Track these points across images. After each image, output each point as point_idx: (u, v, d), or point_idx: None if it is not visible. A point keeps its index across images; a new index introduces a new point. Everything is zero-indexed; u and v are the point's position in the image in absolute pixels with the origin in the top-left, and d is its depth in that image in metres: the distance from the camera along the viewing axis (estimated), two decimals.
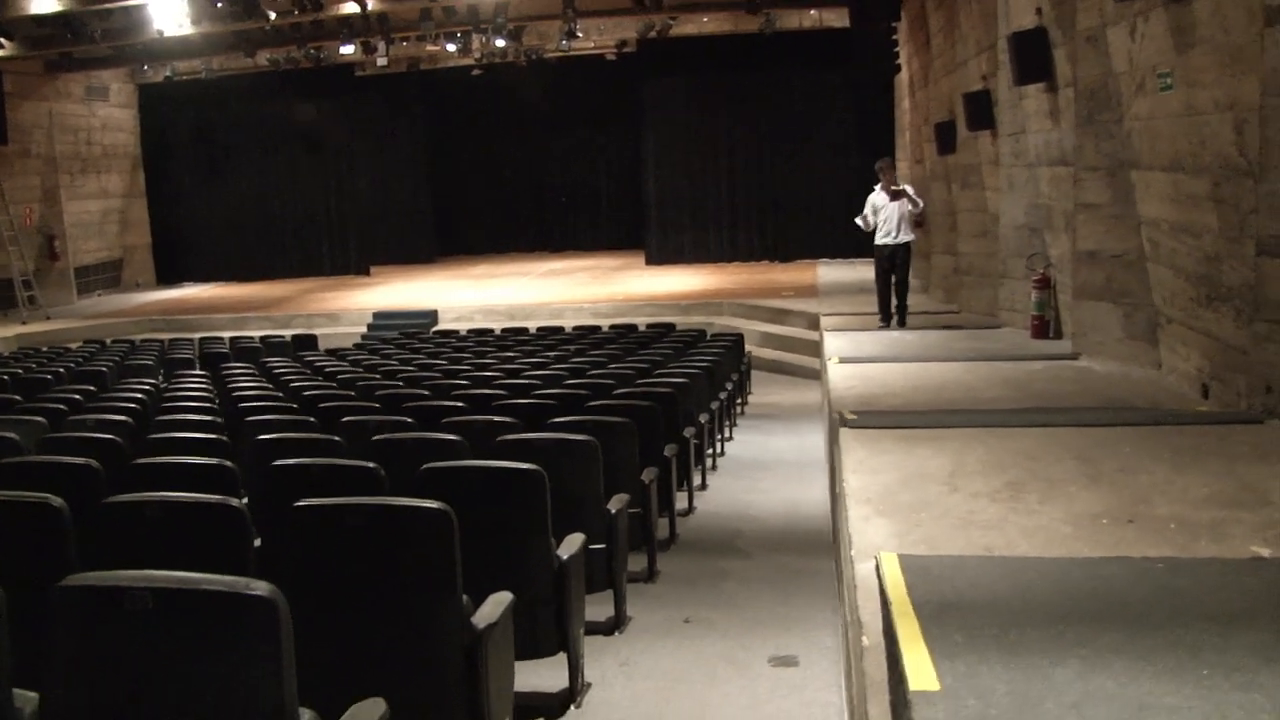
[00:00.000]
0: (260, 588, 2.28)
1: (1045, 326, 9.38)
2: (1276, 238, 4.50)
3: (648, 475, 5.40)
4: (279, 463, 4.01)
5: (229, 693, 2.29)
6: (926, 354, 8.32)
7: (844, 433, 4.50)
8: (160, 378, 11.35)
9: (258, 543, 3.91)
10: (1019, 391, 6.38)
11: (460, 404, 6.52)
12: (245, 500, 3.97)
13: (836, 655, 4.09)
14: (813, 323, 15.70)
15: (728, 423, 10.20)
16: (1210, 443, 4.28)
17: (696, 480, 7.71)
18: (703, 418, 7.88)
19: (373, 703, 2.60)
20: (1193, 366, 6.15)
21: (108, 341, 15.07)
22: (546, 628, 3.60)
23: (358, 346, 13.89)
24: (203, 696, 2.31)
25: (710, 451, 8.63)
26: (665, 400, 6.69)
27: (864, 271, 20.66)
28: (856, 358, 7.98)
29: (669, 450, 6.17)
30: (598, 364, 9.76)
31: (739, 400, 11.85)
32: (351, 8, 17.64)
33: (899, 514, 3.54)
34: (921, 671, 2.31)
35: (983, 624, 2.55)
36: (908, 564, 2.98)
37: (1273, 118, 4.46)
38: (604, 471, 4.59)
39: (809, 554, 5.87)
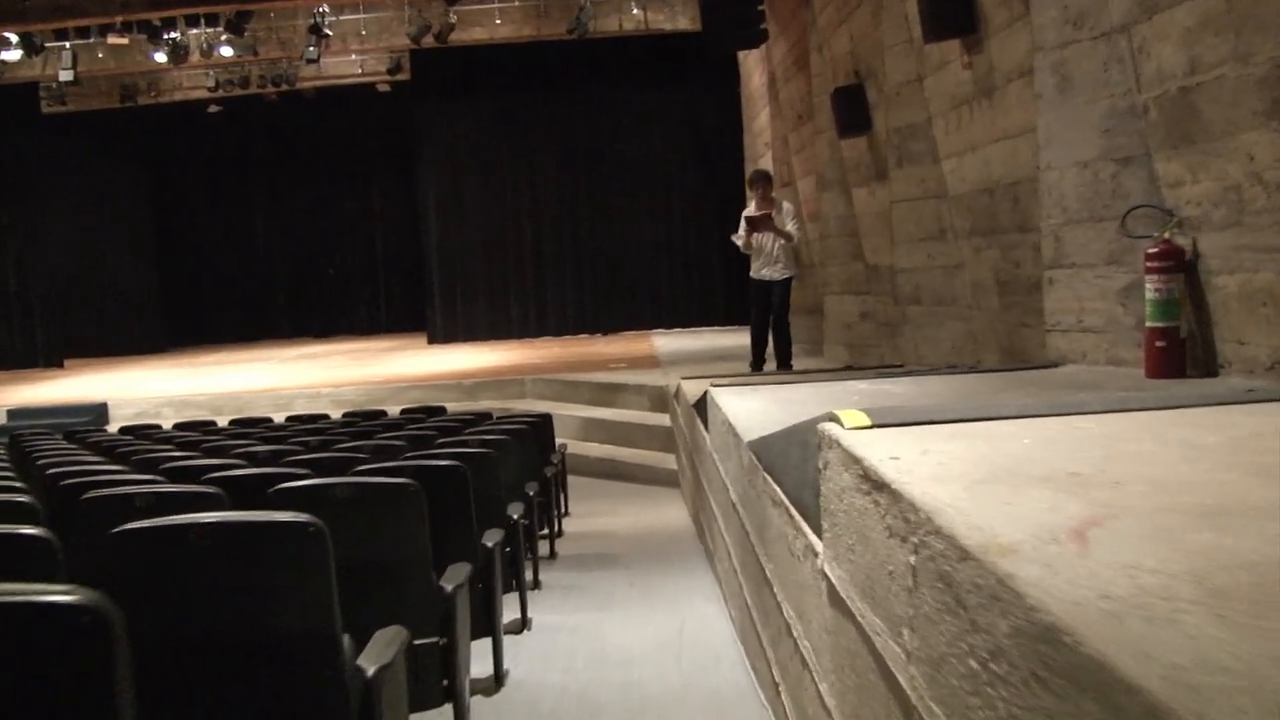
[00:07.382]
0: None
1: (1179, 352, 4.32)
2: None
3: None
4: None
5: None
6: (1005, 410, 3.08)
7: None
8: None
9: None
10: None
11: None
12: None
13: None
14: (658, 402, 10.49)
15: (516, 590, 4.72)
16: None
17: None
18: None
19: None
20: None
21: None
22: None
23: None
24: None
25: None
26: None
27: (712, 339, 15.67)
28: (889, 421, 2.65)
29: None
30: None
31: (547, 530, 6.40)
32: None
33: None
34: None
35: None
36: None
37: None
38: None
39: None
